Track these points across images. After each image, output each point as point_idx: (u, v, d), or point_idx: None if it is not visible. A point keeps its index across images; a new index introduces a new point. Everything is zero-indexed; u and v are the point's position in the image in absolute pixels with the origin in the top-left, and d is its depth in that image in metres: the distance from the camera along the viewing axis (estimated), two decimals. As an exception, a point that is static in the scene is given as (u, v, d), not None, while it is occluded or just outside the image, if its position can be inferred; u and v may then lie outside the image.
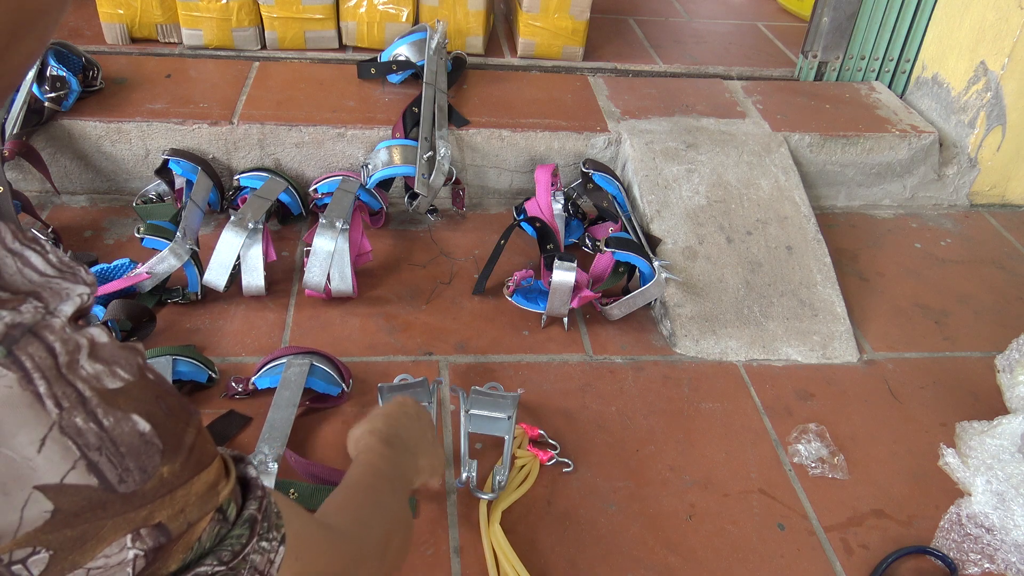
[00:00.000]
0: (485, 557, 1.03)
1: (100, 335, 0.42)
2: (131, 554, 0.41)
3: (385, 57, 1.76)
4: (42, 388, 0.38)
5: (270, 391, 1.18)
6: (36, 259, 0.42)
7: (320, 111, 1.64)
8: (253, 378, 1.20)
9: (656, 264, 1.39)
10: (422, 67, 1.66)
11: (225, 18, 1.79)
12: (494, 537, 1.04)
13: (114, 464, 0.40)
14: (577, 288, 1.35)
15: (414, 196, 1.56)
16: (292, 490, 1.06)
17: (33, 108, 1.51)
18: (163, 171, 1.55)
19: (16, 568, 0.37)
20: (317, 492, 1.05)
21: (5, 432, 0.36)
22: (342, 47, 1.90)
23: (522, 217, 1.55)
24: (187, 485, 0.43)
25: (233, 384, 1.20)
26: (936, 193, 1.88)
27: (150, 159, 1.60)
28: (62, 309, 0.40)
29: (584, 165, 1.60)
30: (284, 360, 1.19)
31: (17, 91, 1.49)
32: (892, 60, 2.00)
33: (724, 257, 1.50)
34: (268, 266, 1.40)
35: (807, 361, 1.40)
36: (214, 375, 1.22)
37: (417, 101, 1.62)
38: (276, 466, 0.92)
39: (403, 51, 1.72)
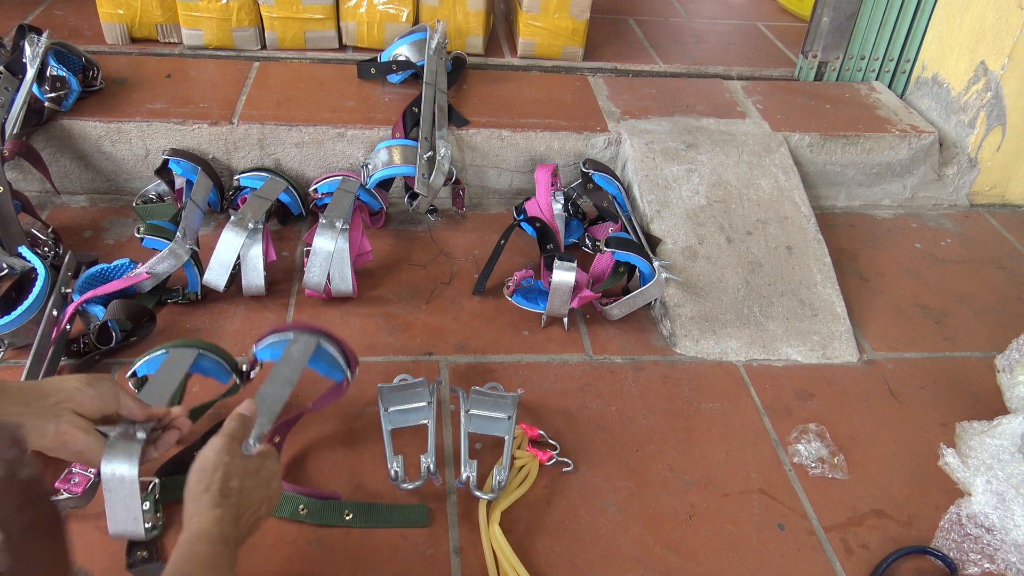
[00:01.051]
0: (485, 557, 1.03)
1: None
2: None
3: (385, 57, 1.76)
4: None
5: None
6: None
7: (320, 111, 1.64)
8: (255, 348, 1.12)
9: (656, 264, 1.39)
10: (422, 67, 1.66)
11: (225, 18, 1.79)
12: (494, 537, 1.04)
13: None
14: (577, 288, 1.35)
15: (414, 196, 1.56)
16: (301, 506, 1.05)
17: (33, 108, 1.51)
18: (163, 171, 1.55)
19: None
20: (328, 508, 1.05)
21: None
22: (342, 47, 1.90)
23: (522, 217, 1.55)
24: None
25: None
26: (936, 193, 1.88)
27: (150, 159, 1.60)
28: None
29: (584, 165, 1.60)
30: (290, 334, 1.09)
31: (17, 91, 1.49)
32: (892, 60, 2.00)
33: (724, 257, 1.50)
34: (268, 266, 1.40)
35: (807, 361, 1.40)
36: (237, 381, 1.15)
37: (417, 101, 1.62)
38: (259, 446, 0.89)
39: (403, 51, 1.72)
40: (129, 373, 1.11)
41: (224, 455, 0.84)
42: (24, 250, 1.30)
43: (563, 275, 1.33)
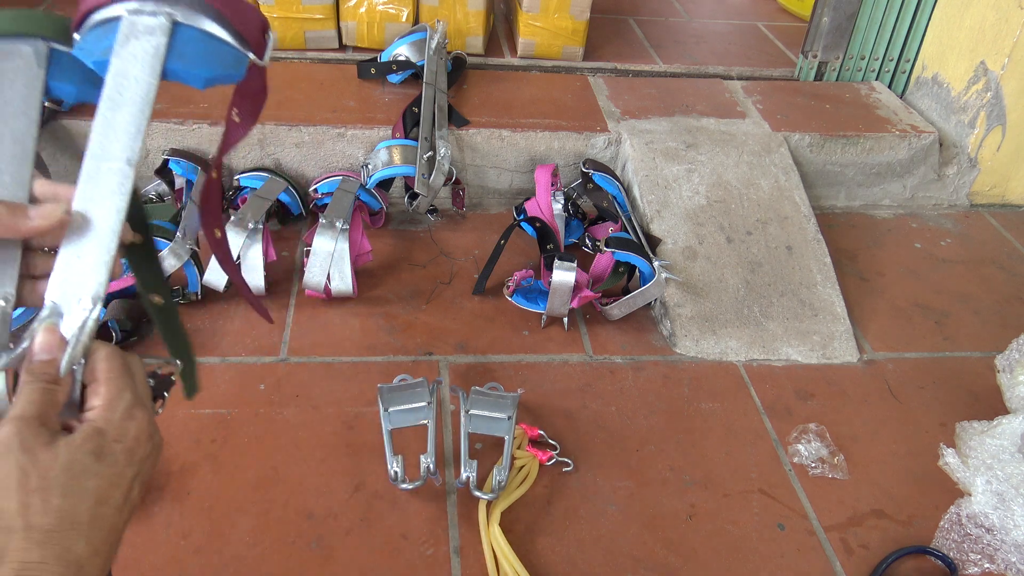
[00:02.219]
0: (485, 557, 1.03)
1: None
2: None
3: (385, 57, 1.76)
4: None
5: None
6: None
7: (320, 111, 1.64)
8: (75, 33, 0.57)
9: (656, 264, 1.39)
10: (422, 67, 1.66)
11: (225, 18, 1.79)
12: (494, 537, 1.04)
13: None
14: (577, 288, 1.35)
15: (414, 196, 1.56)
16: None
17: (33, 108, 1.51)
18: (163, 171, 1.54)
19: None
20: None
21: None
22: (342, 47, 1.90)
23: (522, 217, 1.55)
24: None
25: None
26: (936, 193, 1.88)
27: (150, 159, 1.60)
28: None
29: (584, 165, 1.60)
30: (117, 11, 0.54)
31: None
32: (892, 60, 2.00)
33: (724, 257, 1.50)
34: (268, 266, 1.40)
35: (807, 361, 1.40)
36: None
37: (417, 101, 1.62)
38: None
39: (403, 51, 1.72)
40: None
41: (22, 457, 0.47)
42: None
43: (563, 275, 1.33)
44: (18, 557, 0.45)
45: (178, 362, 0.64)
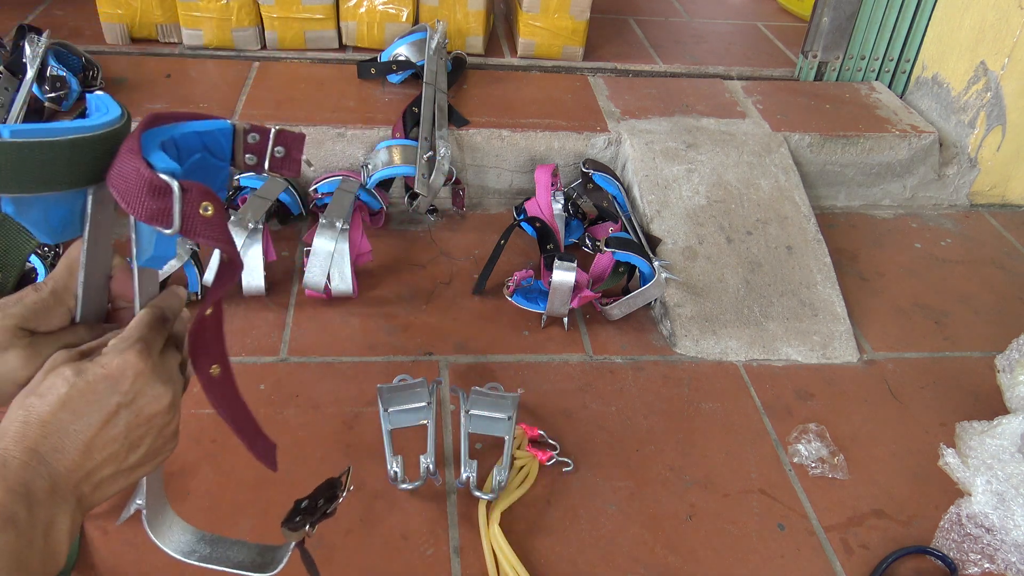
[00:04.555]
0: (485, 557, 1.03)
1: None
2: None
3: (385, 57, 1.76)
4: None
5: None
6: None
7: (320, 111, 1.64)
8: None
9: (656, 264, 1.39)
10: (422, 67, 1.66)
11: (225, 18, 1.79)
12: (494, 537, 1.04)
13: None
14: (577, 288, 1.35)
15: (414, 196, 1.56)
16: None
17: (33, 108, 1.51)
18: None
19: None
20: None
21: None
22: (342, 47, 1.90)
23: (522, 217, 1.55)
24: None
25: None
26: (936, 193, 1.88)
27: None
28: None
29: (584, 165, 1.60)
30: None
31: (17, 91, 1.49)
32: (892, 60, 2.00)
33: (724, 257, 1.50)
34: (268, 266, 1.40)
35: (807, 361, 1.40)
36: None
37: (417, 101, 1.62)
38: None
39: (403, 51, 1.72)
40: None
41: (141, 362, 0.55)
42: (33, 258, 1.30)
43: (563, 275, 1.33)
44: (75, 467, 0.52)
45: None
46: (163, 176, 0.51)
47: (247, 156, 0.60)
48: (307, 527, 0.72)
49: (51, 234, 0.54)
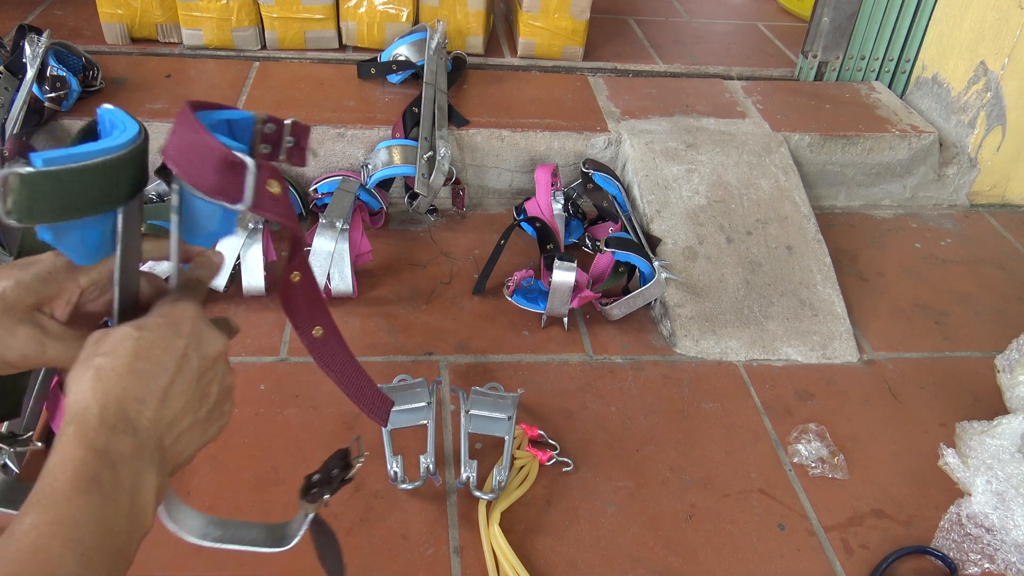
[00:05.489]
0: (485, 557, 1.03)
1: None
2: None
3: (385, 57, 1.76)
4: None
5: None
6: None
7: (320, 111, 1.64)
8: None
9: (656, 264, 1.39)
10: (422, 67, 1.66)
11: (225, 18, 1.79)
12: (494, 537, 1.04)
13: None
14: (577, 288, 1.35)
15: (414, 196, 1.56)
16: None
17: (33, 108, 1.51)
18: (163, 171, 1.54)
19: None
20: None
21: None
22: (342, 47, 1.90)
23: (522, 217, 1.55)
24: None
25: None
26: (936, 193, 1.88)
27: (150, 159, 1.60)
28: None
29: (584, 165, 1.60)
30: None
31: (17, 91, 1.49)
32: (892, 60, 2.00)
33: (724, 257, 1.50)
34: (268, 266, 1.40)
35: (807, 361, 1.40)
36: None
37: (417, 101, 1.62)
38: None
39: (403, 51, 1.72)
40: None
41: (193, 308, 0.57)
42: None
43: (563, 275, 1.33)
44: (88, 429, 0.49)
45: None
46: (237, 152, 0.52)
47: (262, 145, 0.61)
48: (325, 496, 0.71)
49: (87, 257, 0.55)
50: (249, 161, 0.53)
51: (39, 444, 1.07)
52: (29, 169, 0.47)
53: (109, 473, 0.48)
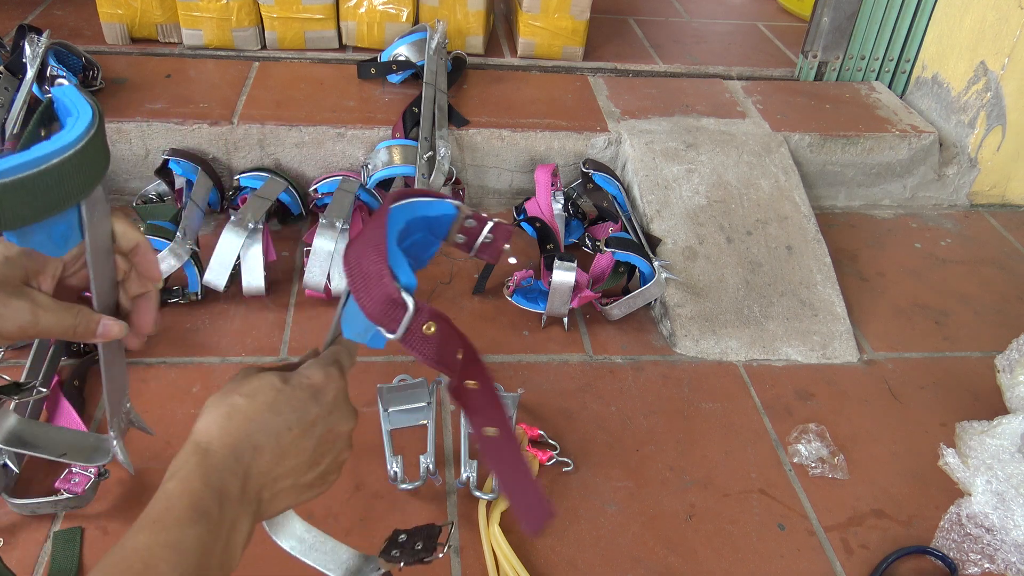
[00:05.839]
0: (485, 557, 1.03)
1: None
2: None
3: (385, 57, 1.76)
4: None
5: None
6: None
7: (320, 111, 1.64)
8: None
9: (656, 264, 1.39)
10: (422, 67, 1.66)
11: (225, 18, 1.79)
12: (494, 537, 1.04)
13: None
14: (577, 288, 1.35)
15: (414, 196, 1.56)
16: None
17: (33, 108, 1.51)
18: (163, 171, 1.55)
19: None
20: None
21: None
22: (342, 47, 1.90)
23: (522, 217, 1.55)
24: None
25: None
26: (936, 193, 1.88)
27: (150, 159, 1.60)
28: None
29: (584, 165, 1.60)
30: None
31: (17, 91, 1.49)
32: (892, 60, 2.00)
33: (724, 257, 1.50)
34: (268, 266, 1.40)
35: (807, 361, 1.40)
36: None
37: (417, 101, 1.62)
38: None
39: (403, 51, 1.72)
40: None
41: (342, 380, 0.62)
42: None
43: (563, 275, 1.33)
44: (195, 470, 0.53)
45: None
46: (404, 295, 0.56)
47: (458, 235, 0.66)
48: (400, 564, 0.76)
49: (56, 249, 0.56)
50: (410, 304, 0.56)
51: (44, 390, 1.08)
52: None
53: (217, 510, 0.51)
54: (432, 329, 0.58)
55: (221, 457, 0.53)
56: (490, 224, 0.65)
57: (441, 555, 0.77)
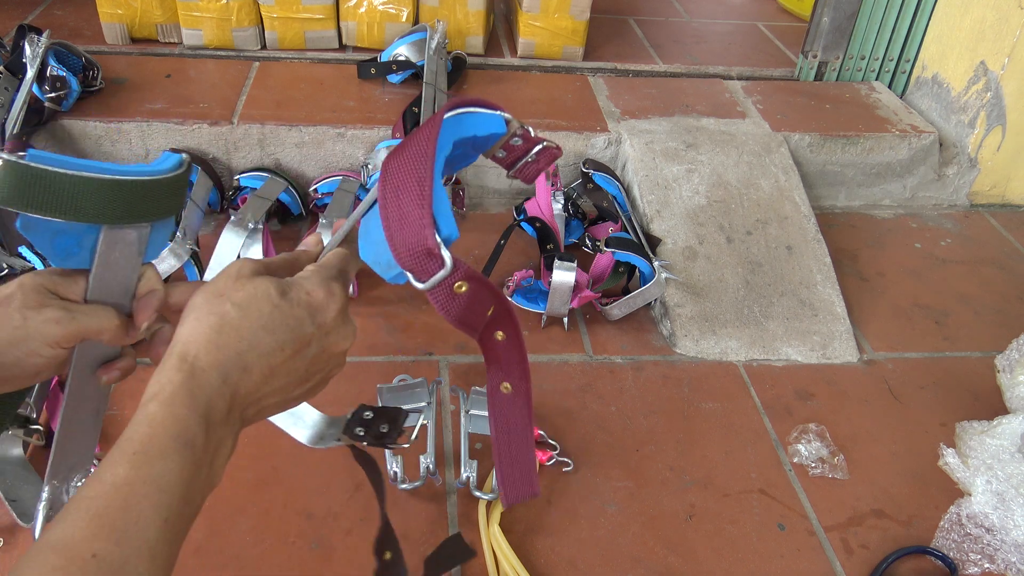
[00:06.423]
0: (485, 557, 1.03)
1: None
2: None
3: (385, 57, 1.76)
4: None
5: None
6: None
7: (320, 111, 1.64)
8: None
9: (656, 264, 1.39)
10: (422, 67, 1.66)
11: (225, 18, 1.79)
12: (494, 537, 1.04)
13: None
14: (577, 288, 1.35)
15: (414, 196, 1.56)
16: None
17: (33, 108, 1.51)
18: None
19: None
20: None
21: None
22: (342, 47, 1.90)
23: (522, 217, 1.55)
24: None
25: None
26: (936, 193, 1.88)
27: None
28: None
29: (584, 165, 1.60)
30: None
31: (17, 91, 1.49)
32: (892, 60, 2.00)
33: (724, 257, 1.50)
34: (268, 266, 1.40)
35: (807, 361, 1.40)
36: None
37: (417, 101, 1.62)
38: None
39: (403, 51, 1.72)
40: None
41: (344, 298, 0.58)
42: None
43: (563, 275, 1.33)
44: (179, 389, 0.49)
45: None
46: (443, 251, 0.54)
47: (500, 151, 0.62)
48: (364, 444, 0.73)
49: (56, 259, 0.57)
50: (448, 262, 0.54)
51: (42, 442, 1.07)
52: (13, 158, 0.51)
53: (203, 437, 0.48)
54: (464, 288, 0.55)
55: (207, 378, 0.49)
56: (539, 147, 0.61)
57: (406, 445, 0.74)
